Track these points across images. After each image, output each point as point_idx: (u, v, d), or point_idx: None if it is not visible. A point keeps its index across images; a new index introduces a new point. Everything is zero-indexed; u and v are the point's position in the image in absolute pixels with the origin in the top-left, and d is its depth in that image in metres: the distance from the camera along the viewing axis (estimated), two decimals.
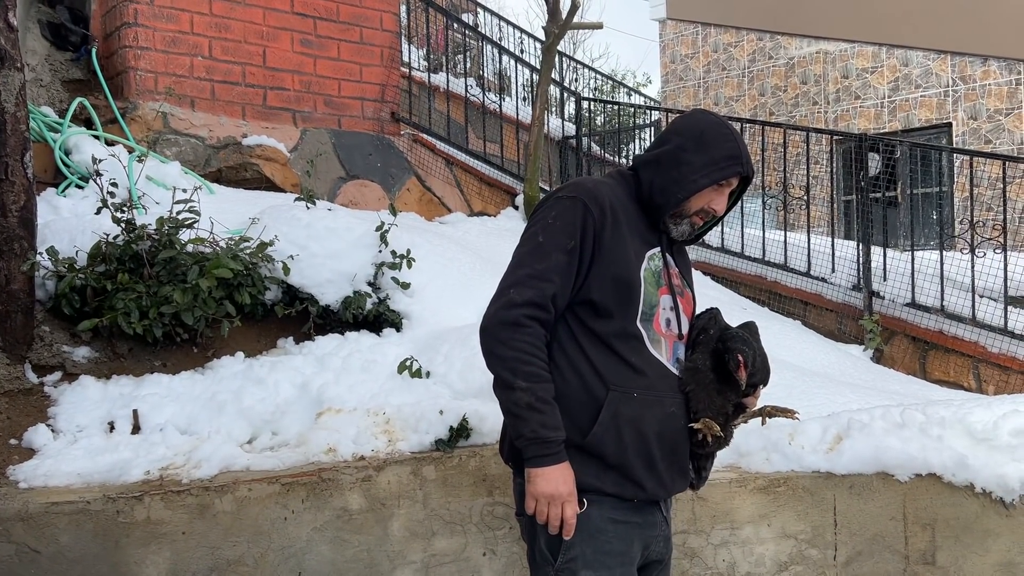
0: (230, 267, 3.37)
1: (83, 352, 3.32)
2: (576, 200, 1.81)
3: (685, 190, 1.85)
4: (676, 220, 1.90)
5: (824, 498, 3.04)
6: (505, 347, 1.74)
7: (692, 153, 1.86)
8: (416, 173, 6.12)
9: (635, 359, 1.83)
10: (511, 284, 1.79)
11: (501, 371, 1.75)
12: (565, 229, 1.79)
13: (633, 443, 1.80)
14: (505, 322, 1.75)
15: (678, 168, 1.86)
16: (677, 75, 13.15)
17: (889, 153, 6.24)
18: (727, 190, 1.92)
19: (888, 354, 5.38)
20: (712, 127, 1.89)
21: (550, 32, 6.24)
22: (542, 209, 1.86)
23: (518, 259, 1.83)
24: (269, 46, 5.40)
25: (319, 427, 3.04)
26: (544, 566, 1.82)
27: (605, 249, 1.81)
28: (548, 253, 1.78)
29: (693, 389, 1.88)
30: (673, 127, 1.95)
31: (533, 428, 1.72)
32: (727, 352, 1.87)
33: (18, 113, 3.15)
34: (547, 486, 1.73)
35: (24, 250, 3.17)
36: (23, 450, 2.83)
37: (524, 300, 1.75)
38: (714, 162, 1.85)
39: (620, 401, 1.79)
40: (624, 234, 1.83)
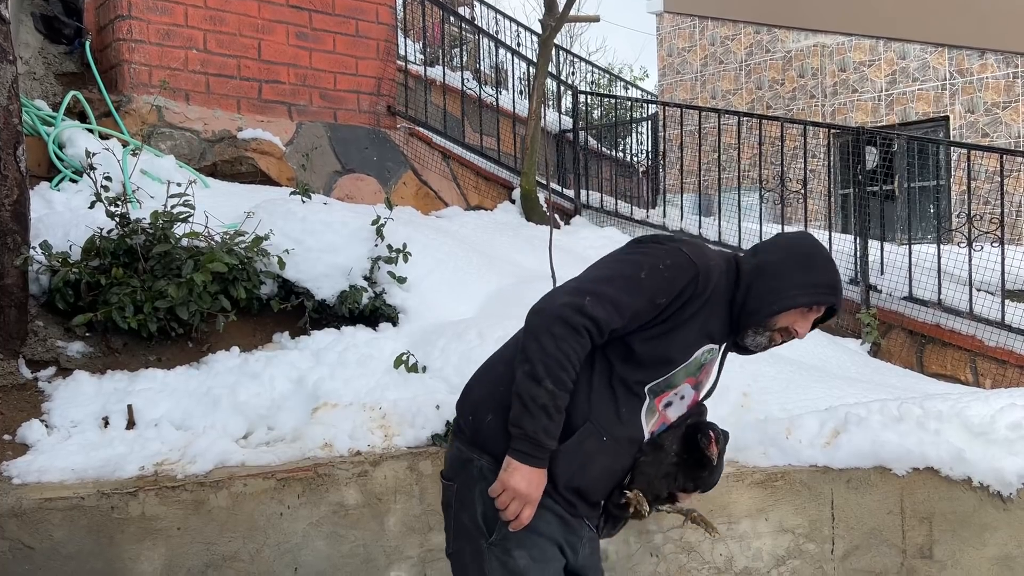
0: (225, 261, 3.35)
1: (77, 347, 3.30)
2: (694, 267, 1.81)
3: (781, 304, 1.86)
4: (758, 330, 1.91)
5: (821, 492, 3.04)
6: (553, 343, 1.74)
7: (796, 271, 1.88)
8: (412, 167, 6.10)
9: (625, 412, 1.86)
10: (591, 291, 1.78)
11: (537, 362, 1.74)
12: (666, 285, 1.79)
13: (579, 471, 1.84)
14: (566, 320, 1.75)
15: (779, 280, 1.87)
16: (674, 68, 13.12)
17: (886, 147, 6.23)
18: (813, 316, 1.93)
19: (885, 348, 5.37)
20: (819, 253, 1.92)
21: (547, 25, 6.21)
22: (661, 248, 1.84)
23: (611, 274, 1.82)
24: (264, 39, 5.37)
25: (315, 422, 3.02)
26: (477, 537, 1.84)
27: (679, 321, 1.82)
28: (639, 293, 1.78)
29: (646, 462, 1.92)
30: (781, 243, 1.97)
31: (536, 428, 1.74)
32: (699, 430, 1.93)
33: (11, 106, 3.13)
34: (522, 484, 1.75)
35: (17, 244, 3.15)
36: (17, 446, 2.81)
37: (592, 315, 1.75)
38: (815, 285, 1.87)
39: (591, 436, 1.83)
40: (701, 320, 1.85)
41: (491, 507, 1.81)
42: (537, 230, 5.93)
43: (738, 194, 6.13)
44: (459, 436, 1.93)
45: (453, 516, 1.91)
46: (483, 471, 1.84)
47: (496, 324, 3.59)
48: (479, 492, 1.83)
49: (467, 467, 1.87)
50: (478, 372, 2.00)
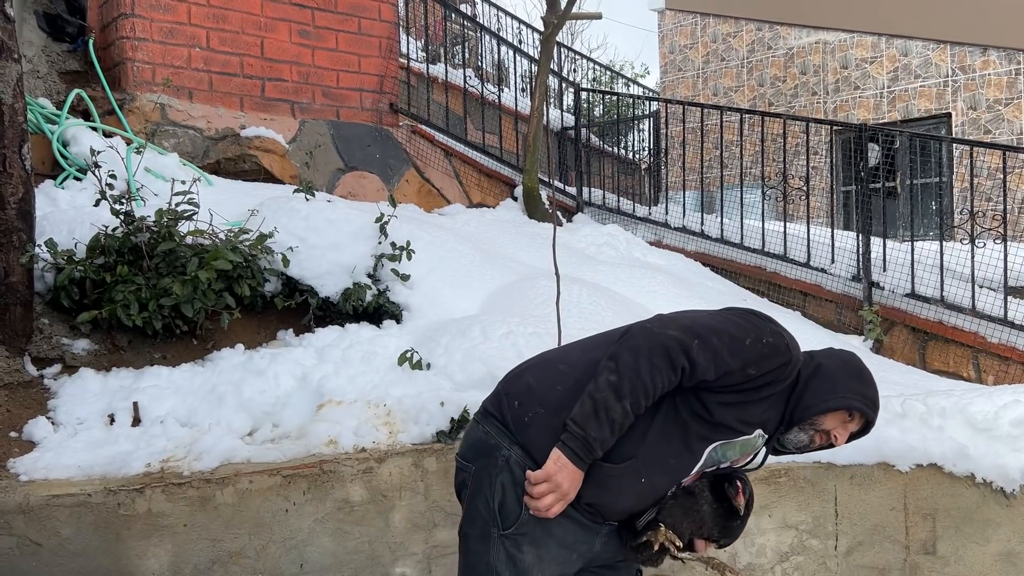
0: (229, 259, 3.36)
1: (82, 344, 3.31)
2: (788, 354, 1.90)
3: (836, 402, 1.94)
4: (804, 427, 1.97)
5: (825, 488, 3.05)
6: (649, 369, 1.78)
7: (851, 378, 1.98)
8: (415, 164, 6.11)
9: (673, 462, 1.91)
10: (701, 337, 1.82)
11: (625, 379, 1.78)
12: (762, 360, 1.86)
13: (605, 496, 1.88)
14: (670, 354, 1.79)
15: (836, 382, 1.96)
16: (676, 65, 13.11)
17: (888, 143, 6.23)
18: (852, 427, 2.00)
19: (888, 344, 5.38)
20: (870, 373, 2.03)
21: (549, 23, 6.21)
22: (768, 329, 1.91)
23: (719, 327, 1.87)
24: (267, 37, 5.37)
25: (320, 419, 3.03)
26: (490, 524, 1.87)
27: (754, 397, 1.89)
28: (738, 355, 1.83)
29: (675, 506, 1.96)
30: (836, 353, 2.07)
31: (595, 436, 1.78)
32: (729, 480, 2.00)
33: (16, 105, 3.13)
34: (566, 480, 1.79)
35: (22, 242, 3.16)
36: (23, 443, 2.82)
37: (693, 359, 1.80)
38: (864, 396, 1.97)
39: (630, 472, 1.87)
40: (768, 403, 1.92)
41: (512, 499, 1.83)
42: (539, 227, 5.93)
43: (740, 191, 6.13)
44: (489, 419, 1.93)
45: (468, 499, 1.92)
46: (509, 462, 1.85)
47: (499, 321, 3.60)
48: (500, 482, 1.85)
49: (492, 454, 1.88)
50: (533, 363, 2.02)
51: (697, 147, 6.71)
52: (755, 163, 7.12)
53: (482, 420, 1.95)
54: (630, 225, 6.75)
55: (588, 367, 1.87)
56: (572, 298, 3.99)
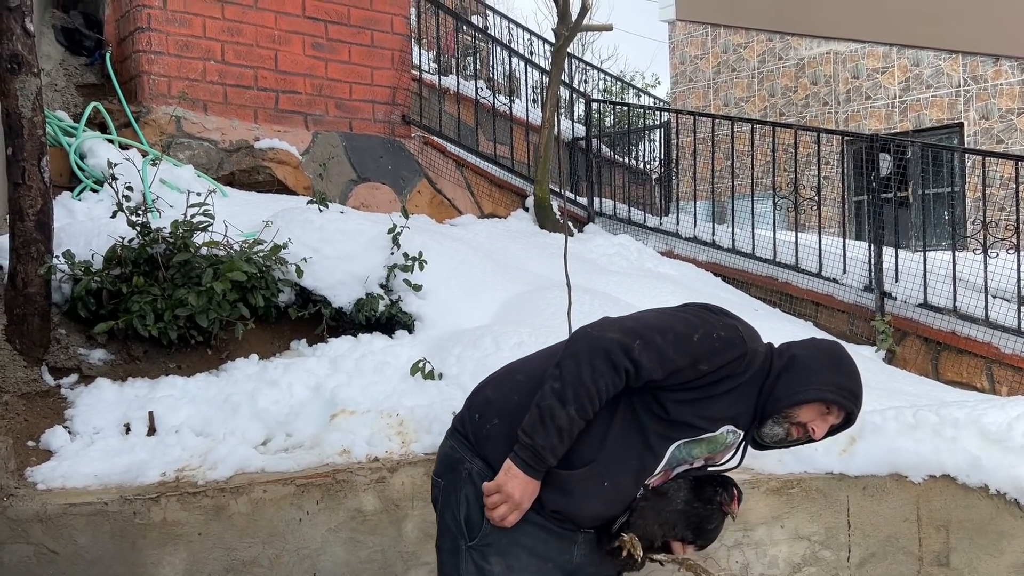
0: (244, 270, 3.39)
1: (99, 354, 3.34)
2: (743, 348, 1.85)
3: (807, 394, 1.89)
4: (779, 420, 1.93)
5: (837, 499, 3.04)
6: (591, 374, 1.77)
7: (826, 368, 1.92)
8: (427, 175, 6.14)
9: (635, 463, 1.88)
10: (643, 337, 1.80)
11: (568, 385, 1.77)
12: (714, 354, 1.82)
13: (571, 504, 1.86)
14: (610, 356, 1.77)
15: (808, 372, 1.91)
16: (687, 76, 13.14)
17: (900, 153, 6.22)
18: (831, 420, 1.95)
19: (900, 355, 5.36)
20: (849, 361, 1.96)
21: (560, 34, 6.25)
22: (720, 320, 1.88)
23: (664, 326, 1.84)
24: (281, 50, 5.43)
25: (333, 428, 3.05)
26: (458, 537, 1.88)
27: (711, 393, 1.85)
28: (686, 353, 1.80)
29: (647, 507, 1.92)
30: (813, 343, 2.02)
31: (544, 444, 1.77)
32: (722, 487, 1.95)
33: (35, 118, 3.18)
34: (517, 490, 1.79)
35: (41, 254, 3.20)
36: (41, 451, 2.86)
37: (636, 360, 1.78)
38: (840, 386, 1.90)
39: (594, 476, 1.85)
40: (732, 398, 1.88)
41: (476, 511, 1.84)
42: (550, 238, 5.95)
43: (751, 201, 6.13)
44: (455, 435, 1.96)
45: (439, 513, 1.95)
46: (471, 475, 1.86)
47: (511, 331, 3.61)
48: (464, 495, 1.86)
49: (457, 468, 1.90)
50: (494, 376, 2.03)
51: (708, 157, 6.72)
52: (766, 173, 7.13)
53: (449, 436, 1.98)
54: (641, 235, 6.76)
55: (544, 376, 1.86)
56: (583, 308, 4.00)
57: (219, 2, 5.19)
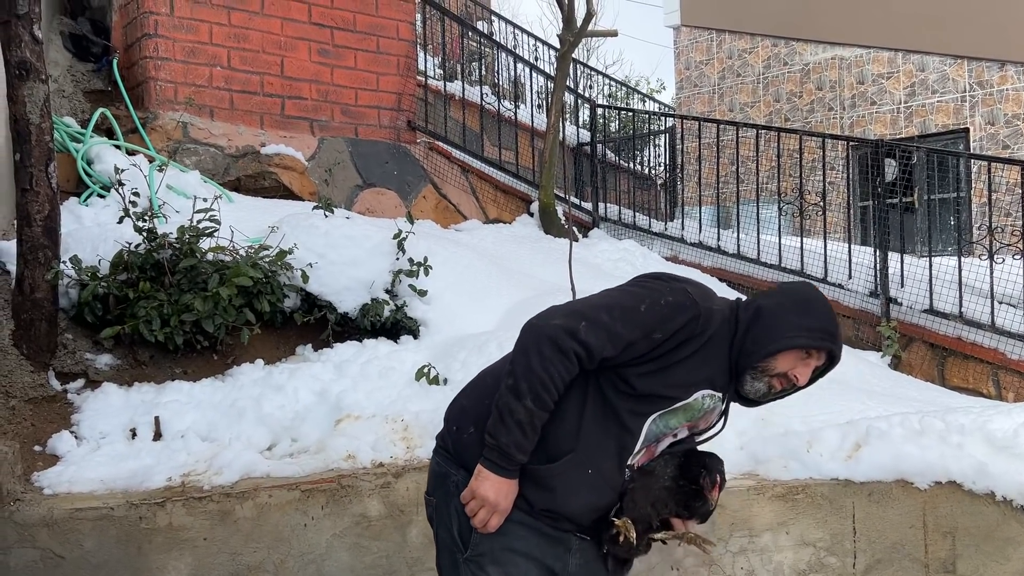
0: (250, 275, 3.40)
1: (105, 359, 3.36)
2: (695, 307, 1.81)
3: (777, 345, 1.86)
4: (756, 375, 1.89)
5: (843, 506, 3.03)
6: (541, 362, 1.75)
7: (793, 313, 1.88)
8: (432, 181, 6.15)
9: (613, 446, 1.85)
10: (587, 317, 1.78)
11: (521, 379, 1.76)
12: (666, 320, 1.79)
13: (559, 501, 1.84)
14: (557, 342, 1.75)
15: (776, 322, 1.87)
16: (692, 81, 13.14)
17: (906, 159, 6.22)
18: (813, 363, 1.91)
19: (906, 360, 5.34)
20: (817, 299, 1.92)
21: (565, 40, 6.26)
22: (666, 285, 1.85)
23: (609, 303, 1.82)
24: (287, 56, 5.45)
25: (338, 433, 3.06)
26: (454, 551, 1.87)
27: (674, 360, 1.82)
28: (636, 325, 1.78)
29: (636, 489, 1.89)
30: (780, 289, 1.99)
31: (508, 442, 1.75)
32: (707, 470, 1.91)
33: (43, 124, 3.20)
34: (491, 492, 1.77)
35: (48, 259, 3.21)
36: (47, 456, 2.87)
37: (585, 340, 1.75)
38: (811, 329, 1.86)
39: (575, 466, 1.83)
40: (699, 361, 1.84)
41: (466, 522, 1.83)
42: (555, 243, 5.96)
43: (756, 206, 6.13)
44: (438, 451, 1.95)
45: (435, 531, 1.94)
46: (458, 486, 1.85)
47: (516, 336, 3.61)
48: (454, 508, 1.85)
49: (444, 482, 1.89)
50: (467, 385, 2.02)
51: (713, 162, 6.72)
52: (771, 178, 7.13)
53: (434, 453, 1.97)
54: (646, 240, 6.76)
55: None
56: None
57: (225, 8, 5.21)
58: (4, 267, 3.53)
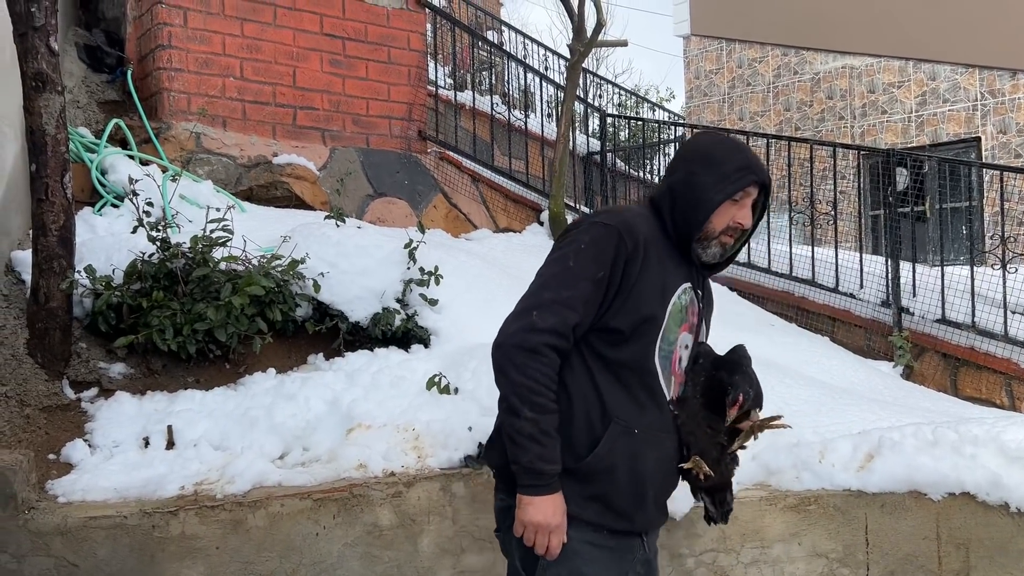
0: (262, 284, 3.42)
1: (119, 368, 3.38)
2: (612, 228, 1.79)
3: (704, 210, 1.85)
4: (704, 244, 1.89)
5: (855, 517, 3.02)
6: (519, 372, 1.74)
7: (703, 174, 1.86)
8: (442, 190, 6.18)
9: (643, 395, 1.82)
10: (534, 306, 1.77)
11: (510, 395, 1.75)
12: (597, 257, 1.77)
13: (626, 478, 1.79)
14: (523, 346, 1.74)
15: (692, 191, 1.86)
16: (701, 91, 13.15)
17: (917, 168, 6.20)
18: (748, 201, 1.90)
19: (918, 371, 5.32)
20: (717, 144, 1.90)
21: (575, 50, 6.28)
22: (576, 232, 1.84)
23: (544, 280, 1.81)
24: (299, 66, 5.49)
25: (349, 443, 3.06)
26: None
27: (633, 282, 1.79)
28: (576, 280, 1.76)
29: (684, 421, 1.87)
30: (679, 154, 1.96)
31: (530, 459, 1.73)
32: (730, 385, 1.87)
33: (58, 135, 3.23)
34: (537, 515, 1.74)
35: (63, 268, 3.24)
36: (61, 465, 2.88)
37: (546, 327, 1.74)
38: (726, 176, 1.85)
39: (621, 435, 1.79)
40: (654, 268, 1.82)
41: (527, 553, 1.81)
42: None
43: (767, 215, 6.12)
44: (498, 486, 1.95)
45: (509, 565, 1.93)
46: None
47: None
48: (514, 540, 1.84)
49: (507, 515, 1.88)
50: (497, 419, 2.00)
51: None
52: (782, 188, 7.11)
53: (495, 489, 1.96)
54: None
55: None
56: None
57: (239, 20, 5.26)
58: (19, 277, 3.56)
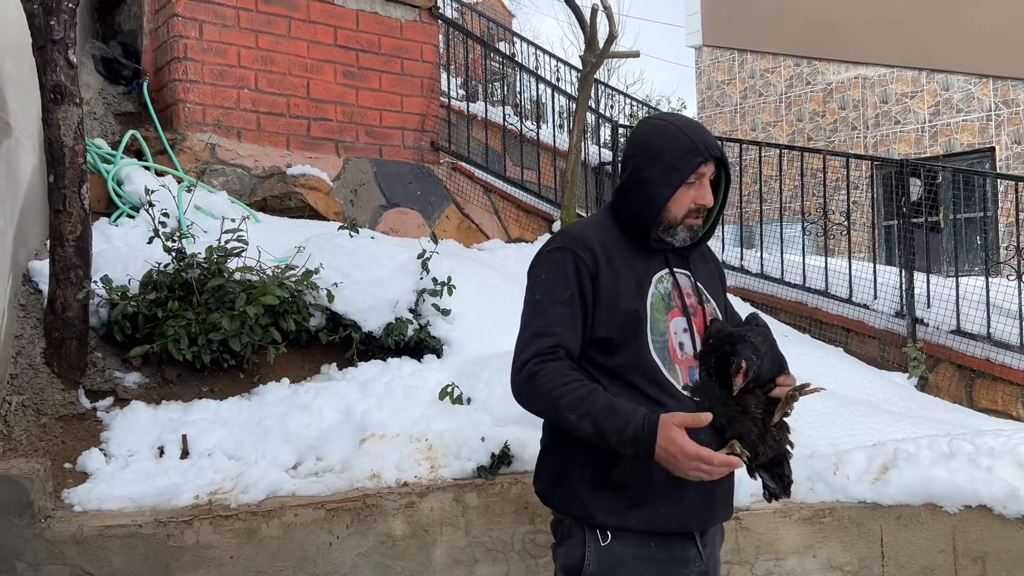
0: (276, 294, 3.44)
1: (134, 378, 3.40)
2: (564, 251, 1.83)
3: (656, 206, 1.84)
4: (670, 232, 1.88)
5: (871, 529, 3.00)
6: (536, 399, 1.78)
7: (647, 168, 1.85)
8: (455, 200, 6.20)
9: (654, 390, 1.82)
10: (520, 348, 1.83)
11: (554, 419, 1.80)
12: (558, 281, 1.81)
13: (662, 476, 1.77)
14: (522, 382, 1.80)
15: (640, 188, 1.85)
16: (713, 101, 13.16)
17: (931, 178, 6.18)
18: (705, 180, 1.87)
19: (933, 382, 5.29)
20: (656, 132, 1.87)
21: (587, 61, 6.29)
22: (535, 268, 1.89)
23: (523, 322, 1.87)
24: (313, 78, 5.53)
25: (363, 452, 3.07)
26: None
27: (604, 288, 1.82)
28: (545, 308, 1.81)
29: (710, 405, 1.82)
30: (626, 150, 1.95)
31: (613, 439, 1.71)
32: (732, 355, 1.81)
33: (76, 147, 3.26)
34: (671, 460, 1.68)
35: (79, 279, 3.27)
36: (77, 474, 2.90)
37: (529, 356, 1.79)
38: (670, 166, 1.83)
39: None
40: (621, 268, 1.84)
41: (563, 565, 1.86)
42: None
43: (780, 226, 6.11)
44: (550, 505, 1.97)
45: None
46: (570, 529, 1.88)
47: None
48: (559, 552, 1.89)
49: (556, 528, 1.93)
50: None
51: (735, 182, 6.71)
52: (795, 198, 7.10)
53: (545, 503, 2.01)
54: None
55: None
56: None
57: (253, 32, 5.30)
58: (36, 287, 3.59)
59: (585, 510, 1.82)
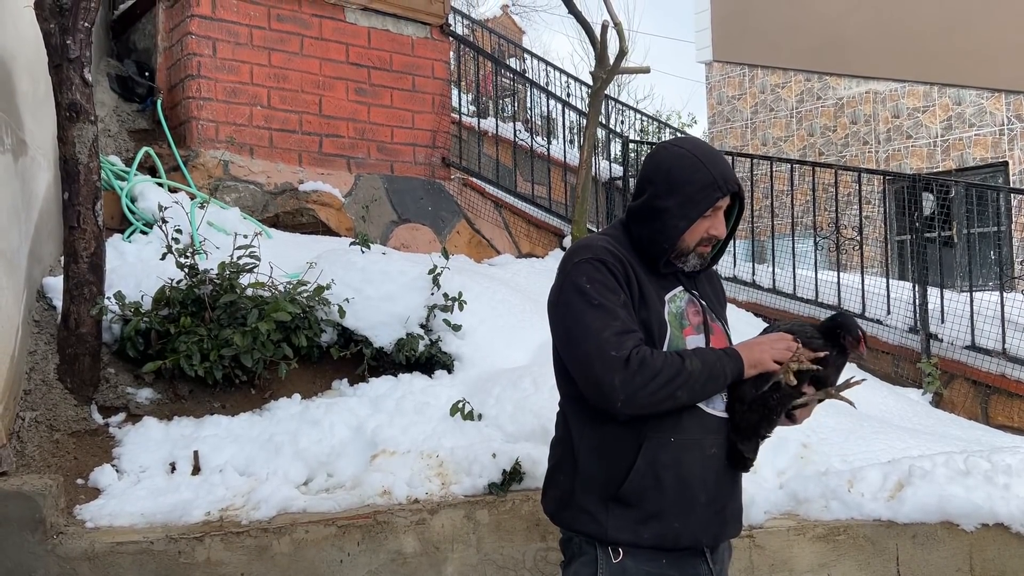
0: (288, 310, 3.44)
1: (146, 394, 3.41)
2: (596, 260, 1.81)
3: (670, 237, 1.84)
4: (682, 258, 1.89)
5: (886, 547, 2.97)
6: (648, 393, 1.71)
7: (665, 198, 1.83)
8: (466, 216, 6.21)
9: None
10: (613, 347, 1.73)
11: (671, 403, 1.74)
12: (608, 285, 1.78)
13: (673, 488, 1.77)
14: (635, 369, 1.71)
15: (657, 218, 1.84)
16: (724, 116, 13.16)
17: (944, 193, 6.15)
18: (720, 213, 1.88)
19: (948, 398, 5.24)
20: (676, 161, 1.86)
21: (598, 77, 6.31)
22: (569, 278, 1.83)
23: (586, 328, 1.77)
24: (325, 95, 5.56)
25: (373, 469, 3.06)
26: None
27: (638, 297, 1.81)
28: (614, 310, 1.76)
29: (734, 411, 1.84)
30: (643, 173, 1.93)
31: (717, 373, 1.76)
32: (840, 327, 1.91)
33: (91, 164, 3.29)
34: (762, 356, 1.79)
35: (93, 295, 3.28)
36: (89, 490, 2.91)
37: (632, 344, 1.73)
38: (689, 199, 1.82)
39: (657, 448, 1.78)
40: (644, 281, 1.84)
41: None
42: None
43: (792, 241, 6.09)
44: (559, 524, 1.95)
45: None
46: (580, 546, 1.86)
47: (550, 372, 3.59)
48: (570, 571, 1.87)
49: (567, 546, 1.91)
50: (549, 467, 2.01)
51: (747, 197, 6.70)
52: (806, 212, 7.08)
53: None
54: None
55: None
56: None
57: (266, 50, 5.35)
58: (50, 303, 3.61)
59: (598, 526, 1.80)
